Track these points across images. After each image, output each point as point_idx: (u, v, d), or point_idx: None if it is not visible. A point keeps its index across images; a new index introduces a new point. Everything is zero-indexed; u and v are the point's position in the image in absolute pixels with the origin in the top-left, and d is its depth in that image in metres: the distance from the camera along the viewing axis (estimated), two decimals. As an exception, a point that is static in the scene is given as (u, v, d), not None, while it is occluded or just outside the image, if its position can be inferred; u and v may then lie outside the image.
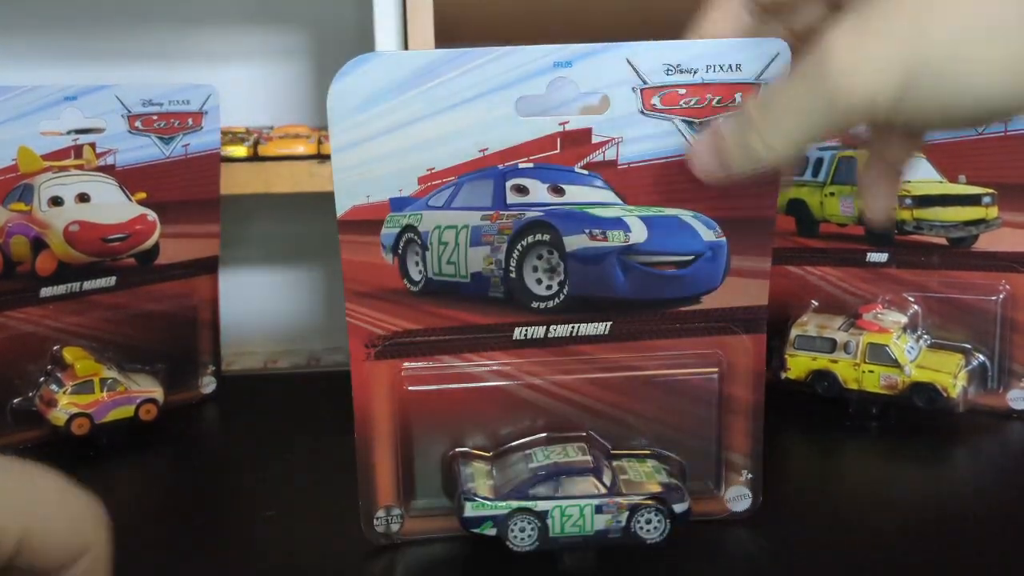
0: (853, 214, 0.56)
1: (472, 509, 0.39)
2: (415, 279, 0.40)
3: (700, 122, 0.38)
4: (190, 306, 0.61)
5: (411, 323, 0.40)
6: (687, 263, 0.40)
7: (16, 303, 0.53)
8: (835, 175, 0.56)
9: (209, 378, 0.62)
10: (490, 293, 0.40)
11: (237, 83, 0.75)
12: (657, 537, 0.39)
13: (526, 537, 0.39)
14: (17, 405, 0.54)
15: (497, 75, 0.37)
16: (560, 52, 0.37)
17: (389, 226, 0.39)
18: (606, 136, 0.38)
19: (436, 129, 0.37)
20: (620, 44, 0.37)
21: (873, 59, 0.30)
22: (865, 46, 0.30)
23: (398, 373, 0.40)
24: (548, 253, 0.39)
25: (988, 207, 0.53)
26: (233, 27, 0.79)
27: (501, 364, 0.41)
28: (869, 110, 0.30)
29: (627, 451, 0.42)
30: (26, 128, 0.52)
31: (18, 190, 0.53)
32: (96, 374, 0.54)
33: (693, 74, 0.37)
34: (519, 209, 0.39)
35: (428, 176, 0.38)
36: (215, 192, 0.60)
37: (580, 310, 0.40)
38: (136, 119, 0.56)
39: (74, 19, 0.77)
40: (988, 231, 0.53)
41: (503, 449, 0.41)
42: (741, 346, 0.41)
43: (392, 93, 0.37)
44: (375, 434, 0.40)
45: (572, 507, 0.38)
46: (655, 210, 0.39)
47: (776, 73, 0.37)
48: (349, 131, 0.37)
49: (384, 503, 0.41)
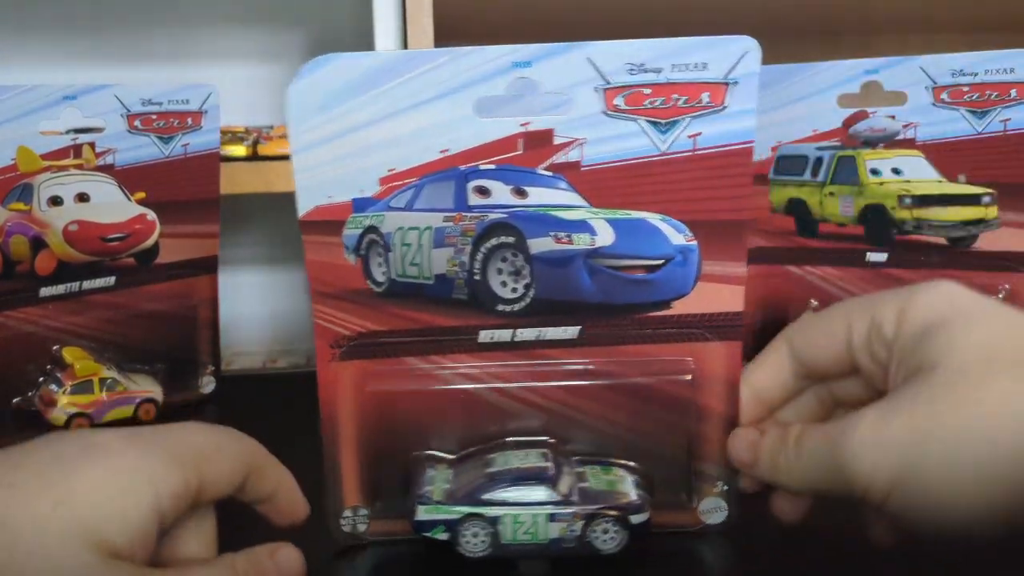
0: (853, 214, 0.56)
1: (424, 513, 0.38)
2: (379, 280, 0.40)
3: (666, 123, 0.37)
4: (189, 306, 0.61)
5: (376, 324, 0.40)
6: (656, 267, 0.39)
7: (15, 303, 0.53)
8: (835, 175, 0.56)
9: (208, 378, 0.62)
10: (454, 295, 0.40)
11: (237, 82, 0.75)
12: (613, 548, 0.38)
13: (478, 543, 0.38)
14: (16, 405, 0.54)
15: (456, 76, 0.37)
16: (519, 52, 0.37)
17: (351, 227, 0.39)
18: (569, 137, 0.38)
19: (396, 130, 0.37)
20: (581, 43, 0.37)
21: (875, 451, 0.33)
22: (874, 438, 0.33)
23: (363, 374, 0.40)
24: (513, 255, 0.39)
25: (988, 207, 0.52)
26: (233, 27, 0.79)
27: (467, 367, 0.40)
28: (865, 493, 0.33)
29: (593, 458, 0.41)
30: (25, 128, 0.52)
31: (17, 190, 0.53)
32: (95, 374, 0.54)
33: (658, 73, 0.37)
34: (482, 211, 0.39)
35: (389, 177, 0.38)
36: (215, 192, 0.60)
37: (547, 313, 0.39)
38: (135, 118, 0.56)
39: (74, 19, 0.77)
40: (988, 231, 0.53)
41: (465, 453, 0.41)
42: (714, 354, 0.40)
43: (351, 94, 0.37)
44: (341, 434, 0.40)
45: (524, 515, 0.38)
46: (621, 213, 0.39)
47: (745, 72, 0.36)
48: (309, 132, 0.37)
49: (351, 503, 0.41)
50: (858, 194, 0.55)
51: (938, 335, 0.34)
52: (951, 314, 0.35)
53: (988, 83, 0.50)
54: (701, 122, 0.37)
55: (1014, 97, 0.49)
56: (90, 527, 0.29)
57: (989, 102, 0.50)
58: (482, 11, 0.69)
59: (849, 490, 0.34)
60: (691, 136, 0.38)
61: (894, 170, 0.54)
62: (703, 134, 0.38)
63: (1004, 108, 0.50)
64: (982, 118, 0.51)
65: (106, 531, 0.29)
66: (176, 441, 0.33)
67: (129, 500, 0.30)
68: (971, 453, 0.32)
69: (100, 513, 0.29)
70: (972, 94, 0.50)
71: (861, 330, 0.38)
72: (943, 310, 0.35)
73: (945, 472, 0.32)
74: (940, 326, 0.35)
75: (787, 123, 0.55)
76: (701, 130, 0.38)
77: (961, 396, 0.33)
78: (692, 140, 0.38)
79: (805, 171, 0.57)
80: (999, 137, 0.51)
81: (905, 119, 0.52)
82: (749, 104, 0.37)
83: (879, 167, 0.55)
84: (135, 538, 0.30)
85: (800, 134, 0.55)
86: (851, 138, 0.54)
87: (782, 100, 0.54)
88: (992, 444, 0.31)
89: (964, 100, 0.51)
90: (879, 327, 0.37)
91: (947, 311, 0.35)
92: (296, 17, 0.80)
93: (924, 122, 0.52)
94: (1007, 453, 0.31)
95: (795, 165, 0.57)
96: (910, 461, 0.32)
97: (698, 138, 0.38)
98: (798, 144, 0.56)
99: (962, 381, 0.33)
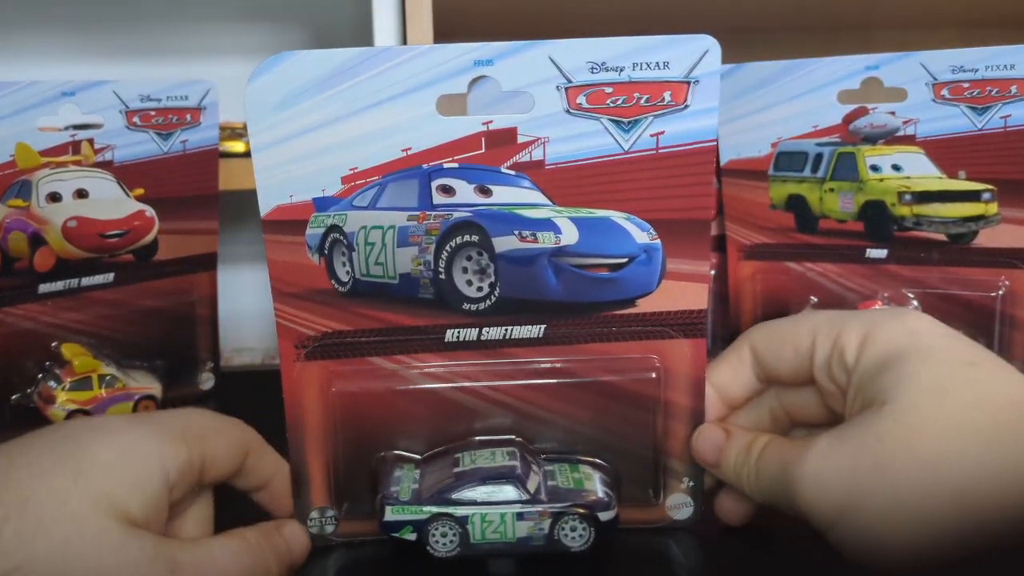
0: (853, 210, 0.56)
1: (392, 513, 0.38)
2: (343, 280, 0.40)
3: (629, 122, 0.37)
4: (188, 302, 0.61)
5: (340, 324, 0.39)
6: (620, 266, 0.39)
7: (14, 299, 0.53)
8: (835, 171, 0.56)
9: (208, 375, 0.62)
10: (420, 294, 0.39)
11: (236, 79, 0.75)
12: (581, 545, 0.38)
13: (447, 543, 0.38)
14: (15, 402, 0.54)
15: (417, 74, 0.37)
16: (480, 50, 0.36)
17: (314, 226, 0.39)
18: (532, 136, 0.38)
19: (357, 128, 0.37)
20: (542, 42, 0.36)
21: (820, 483, 0.34)
22: (821, 470, 0.34)
23: (329, 374, 0.39)
24: (477, 254, 0.39)
25: (988, 203, 0.52)
26: (232, 23, 0.79)
27: (433, 367, 0.40)
28: (810, 521, 0.34)
29: (560, 456, 0.41)
30: (24, 124, 0.52)
31: (16, 186, 0.53)
32: (94, 371, 0.54)
33: (619, 72, 0.37)
34: (446, 210, 0.39)
35: (351, 176, 0.38)
36: (214, 188, 0.60)
37: (513, 312, 0.39)
38: (134, 115, 0.55)
39: (72, 15, 0.76)
40: (988, 227, 0.53)
41: (432, 453, 0.40)
42: (679, 351, 0.40)
43: (311, 92, 0.36)
44: (307, 435, 0.40)
45: (493, 514, 0.38)
46: (585, 211, 0.39)
47: (707, 71, 0.36)
48: (268, 130, 0.37)
49: (318, 504, 0.40)
50: (858, 190, 0.55)
51: (893, 369, 0.34)
52: (909, 349, 0.35)
53: (988, 79, 0.50)
54: (663, 121, 0.37)
55: (1014, 93, 0.49)
56: (110, 497, 0.30)
57: (989, 98, 0.50)
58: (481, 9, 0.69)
59: (797, 514, 0.35)
60: (653, 135, 0.38)
61: (894, 166, 0.54)
62: (666, 133, 0.38)
63: (1004, 104, 0.50)
64: (982, 114, 0.50)
65: (125, 501, 0.30)
66: (179, 422, 0.34)
67: (142, 472, 0.31)
68: (915, 492, 0.32)
69: (117, 485, 0.30)
70: (972, 90, 0.50)
71: (824, 350, 0.38)
72: (903, 343, 0.35)
73: (887, 509, 0.32)
74: (897, 360, 0.35)
75: (787, 119, 0.55)
76: (664, 129, 0.37)
77: (908, 434, 0.33)
78: (655, 139, 0.38)
79: (805, 167, 0.57)
80: (999, 133, 0.51)
81: (905, 115, 0.52)
82: (711, 103, 0.37)
83: (879, 163, 0.55)
84: (150, 509, 0.31)
85: (800, 130, 0.55)
86: (851, 134, 0.54)
87: (782, 96, 0.54)
88: (936, 483, 0.31)
89: (964, 96, 0.51)
90: (841, 352, 0.37)
91: (906, 345, 0.35)
92: (295, 14, 0.80)
93: (924, 118, 0.52)
94: (950, 493, 0.31)
95: (795, 161, 0.57)
96: (853, 496, 0.33)
97: (661, 137, 0.38)
98: (798, 140, 0.56)
99: (911, 418, 0.33)
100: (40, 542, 0.28)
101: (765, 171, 0.57)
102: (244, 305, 0.83)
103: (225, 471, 0.36)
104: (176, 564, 0.31)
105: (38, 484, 0.29)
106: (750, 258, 0.59)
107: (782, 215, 0.58)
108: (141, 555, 0.30)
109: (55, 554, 0.28)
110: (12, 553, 0.27)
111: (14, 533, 0.27)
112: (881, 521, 0.32)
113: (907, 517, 0.32)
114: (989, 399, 0.33)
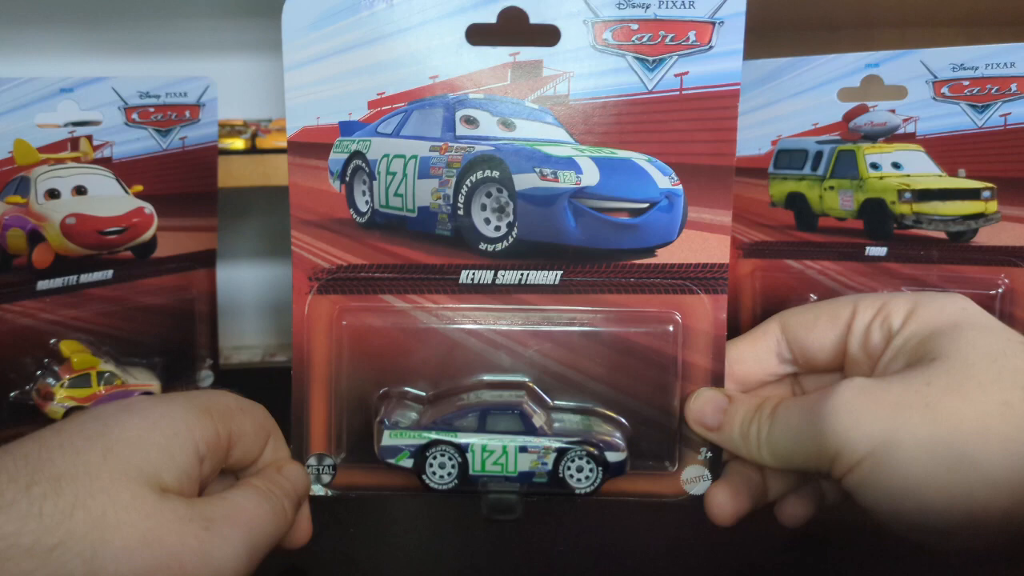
0: (853, 208, 0.56)
1: (390, 438, 0.37)
2: (361, 210, 0.39)
3: (653, 60, 0.37)
4: (187, 300, 0.60)
5: (356, 257, 0.39)
6: (641, 211, 0.38)
7: (13, 296, 0.53)
8: (835, 169, 0.56)
9: (207, 372, 0.62)
10: (437, 230, 0.39)
11: (235, 75, 0.75)
12: (587, 487, 0.36)
13: (445, 474, 0.37)
14: (14, 399, 0.53)
15: (448, 1, 0.36)
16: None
17: (337, 151, 0.38)
18: (557, 70, 0.37)
19: (387, 52, 0.37)
20: None
21: (855, 415, 0.33)
22: (858, 403, 0.33)
23: (339, 311, 0.39)
24: (497, 191, 0.38)
25: (988, 201, 0.52)
26: (231, 19, 0.79)
27: (446, 308, 0.39)
28: (835, 459, 0.33)
29: (571, 408, 0.39)
30: (22, 120, 0.52)
31: (14, 183, 0.53)
32: (93, 368, 0.54)
33: (645, 9, 0.36)
34: (469, 142, 0.38)
35: (378, 100, 0.38)
36: (213, 185, 0.60)
37: (530, 256, 0.38)
38: (133, 111, 0.55)
39: (71, 11, 0.76)
40: (987, 225, 0.53)
41: (438, 392, 0.39)
42: (700, 307, 0.38)
43: (344, 13, 0.36)
44: (312, 375, 0.39)
45: (494, 443, 0.36)
46: (607, 151, 0.38)
47: (732, 12, 0.36)
48: (301, 49, 0.37)
49: (316, 450, 0.39)
50: (858, 188, 0.55)
51: (947, 335, 0.34)
52: (964, 321, 0.35)
53: (989, 77, 0.50)
54: (688, 61, 0.37)
55: (1015, 91, 0.49)
56: (140, 468, 0.31)
57: (990, 96, 0.50)
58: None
59: (819, 459, 0.34)
60: (678, 75, 0.37)
61: (894, 164, 0.54)
62: (690, 73, 0.37)
63: (1004, 102, 0.50)
64: (982, 112, 0.50)
65: (156, 470, 0.31)
66: (205, 399, 0.35)
67: (174, 443, 0.32)
68: (956, 440, 0.31)
69: (148, 456, 0.31)
70: (973, 88, 0.50)
71: (866, 317, 0.37)
72: (957, 316, 0.36)
73: (923, 452, 0.31)
74: (952, 328, 0.35)
75: (787, 117, 0.55)
76: (688, 69, 0.37)
77: (962, 381, 0.32)
78: (679, 79, 0.37)
79: (805, 165, 0.57)
80: (999, 131, 0.51)
81: (905, 113, 0.52)
82: (735, 45, 0.37)
83: (879, 161, 0.54)
84: (183, 477, 0.32)
85: (800, 128, 0.55)
86: (851, 132, 0.54)
87: (782, 94, 0.54)
88: (981, 438, 0.31)
89: (965, 94, 0.50)
90: (887, 316, 0.37)
91: (961, 318, 0.35)
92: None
93: (924, 116, 0.52)
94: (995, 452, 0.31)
95: (795, 159, 0.57)
96: (894, 429, 0.32)
97: (685, 77, 0.37)
98: (798, 138, 0.56)
99: (966, 376, 0.32)
100: (78, 516, 0.28)
101: (765, 169, 0.57)
102: (243, 302, 0.83)
103: (250, 451, 0.36)
104: (210, 520, 0.31)
105: (70, 462, 0.30)
106: (750, 256, 0.59)
107: (782, 213, 0.58)
108: (175, 516, 0.30)
109: (93, 527, 0.28)
110: (53, 529, 0.28)
111: (53, 510, 0.28)
112: (916, 463, 0.31)
113: (945, 464, 0.31)
114: None
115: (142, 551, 0.29)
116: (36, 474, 0.29)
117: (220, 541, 0.31)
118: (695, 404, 0.38)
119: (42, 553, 0.27)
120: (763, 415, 0.36)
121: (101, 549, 0.28)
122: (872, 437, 0.32)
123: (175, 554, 0.30)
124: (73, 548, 0.28)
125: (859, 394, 0.33)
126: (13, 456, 0.30)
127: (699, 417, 0.38)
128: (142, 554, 0.29)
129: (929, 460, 0.31)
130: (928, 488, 0.31)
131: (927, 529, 0.32)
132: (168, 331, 0.60)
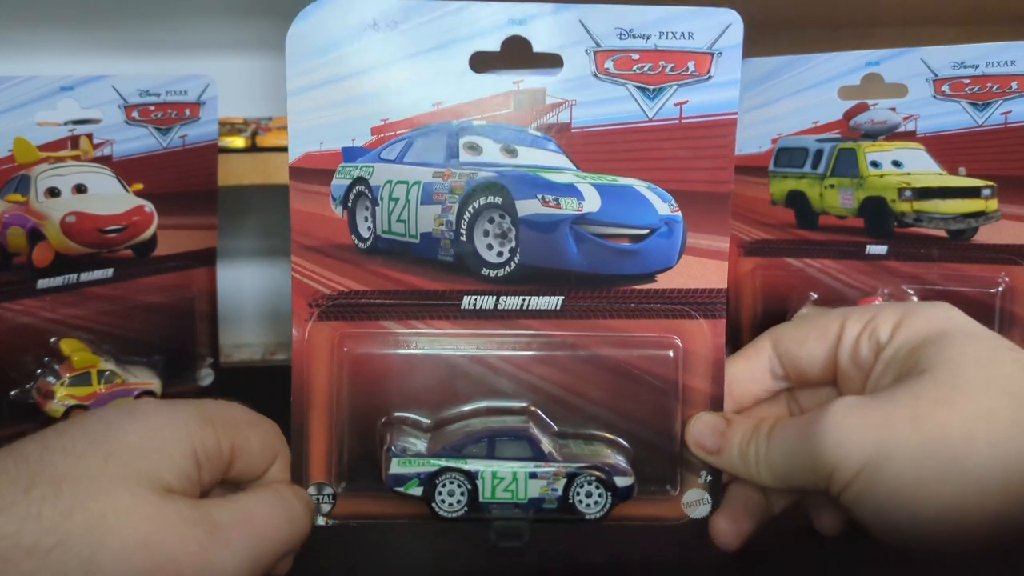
0: (853, 207, 0.56)
1: (398, 466, 0.37)
2: (363, 236, 0.39)
3: (654, 89, 0.37)
4: (188, 298, 0.60)
5: (357, 283, 0.38)
6: (641, 237, 0.38)
7: (13, 295, 0.53)
8: (835, 167, 0.56)
9: (207, 370, 0.62)
10: (440, 256, 0.39)
11: (235, 74, 0.75)
12: (597, 512, 0.37)
13: (454, 501, 0.37)
14: (14, 397, 0.53)
15: (453, 29, 0.37)
16: (514, 9, 0.37)
17: (340, 177, 0.38)
18: (560, 98, 0.38)
19: (391, 79, 0.37)
20: (573, 5, 0.37)
21: (847, 432, 0.33)
22: (849, 420, 0.33)
23: (340, 337, 0.38)
24: (500, 217, 0.38)
25: (988, 200, 0.52)
26: (231, 18, 0.79)
27: (447, 334, 0.39)
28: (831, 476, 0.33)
29: (574, 433, 0.39)
30: (22, 119, 0.51)
31: (14, 181, 0.53)
32: (93, 366, 0.54)
33: (646, 39, 0.37)
34: (472, 168, 0.39)
35: (382, 127, 0.38)
36: (213, 183, 0.60)
37: (532, 281, 0.39)
38: (133, 110, 0.55)
39: (71, 9, 0.76)
40: (988, 224, 0.53)
41: (442, 418, 0.39)
42: (699, 332, 0.39)
43: (348, 40, 0.36)
44: (311, 402, 0.38)
45: (504, 470, 0.36)
46: (608, 178, 0.38)
47: (729, 44, 0.37)
48: (305, 75, 0.37)
49: (316, 479, 0.39)
50: (858, 186, 0.55)
51: (935, 344, 0.35)
52: (952, 329, 0.35)
53: (989, 75, 0.50)
54: (687, 90, 0.38)
55: (1015, 89, 0.49)
56: (141, 472, 0.31)
57: (990, 94, 0.50)
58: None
59: (815, 477, 0.34)
60: (677, 104, 0.38)
61: (894, 163, 0.54)
62: (689, 102, 0.38)
63: (1005, 101, 0.50)
64: (983, 111, 0.50)
65: (158, 472, 0.31)
66: (211, 408, 0.35)
67: (172, 447, 0.32)
68: (946, 452, 0.31)
69: (149, 460, 0.31)
70: (973, 86, 0.50)
71: (854, 331, 0.38)
72: (944, 325, 0.36)
73: (913, 462, 0.32)
74: (939, 337, 0.35)
75: (787, 115, 0.55)
76: (687, 98, 0.38)
77: (948, 398, 0.33)
78: (678, 108, 0.38)
79: (805, 163, 0.57)
80: (1000, 130, 0.51)
81: (906, 111, 0.52)
82: (733, 76, 0.37)
83: (879, 159, 0.55)
84: (184, 479, 0.32)
85: (800, 126, 0.55)
86: (852, 130, 0.54)
87: (783, 92, 0.54)
88: (969, 445, 0.31)
89: (965, 92, 0.50)
90: (874, 330, 0.37)
91: (948, 326, 0.36)
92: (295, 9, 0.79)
93: (925, 114, 0.52)
94: (984, 457, 0.31)
95: (795, 157, 0.57)
96: (885, 442, 0.32)
97: (684, 106, 0.38)
98: (798, 136, 0.56)
99: (953, 386, 0.33)
100: (77, 518, 0.29)
101: (765, 167, 0.57)
102: (243, 301, 0.83)
103: (254, 467, 0.36)
104: (215, 525, 0.31)
105: (71, 465, 0.30)
106: (750, 254, 0.59)
107: (782, 211, 0.58)
108: (179, 519, 0.30)
109: (92, 529, 0.29)
110: (52, 530, 0.28)
111: (52, 511, 0.28)
112: (912, 467, 0.32)
113: (937, 476, 0.31)
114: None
115: (140, 553, 0.29)
116: (36, 477, 0.29)
117: (223, 547, 0.31)
118: (695, 428, 0.39)
119: (42, 553, 0.28)
120: (760, 436, 0.36)
121: (99, 550, 0.28)
122: (864, 452, 0.32)
123: (174, 558, 0.30)
124: (72, 549, 0.28)
125: (850, 412, 0.34)
126: (14, 458, 0.30)
127: (699, 441, 0.38)
128: (140, 555, 0.29)
129: (919, 470, 0.32)
130: (920, 497, 0.32)
131: (921, 538, 0.32)
132: (168, 329, 0.60)
